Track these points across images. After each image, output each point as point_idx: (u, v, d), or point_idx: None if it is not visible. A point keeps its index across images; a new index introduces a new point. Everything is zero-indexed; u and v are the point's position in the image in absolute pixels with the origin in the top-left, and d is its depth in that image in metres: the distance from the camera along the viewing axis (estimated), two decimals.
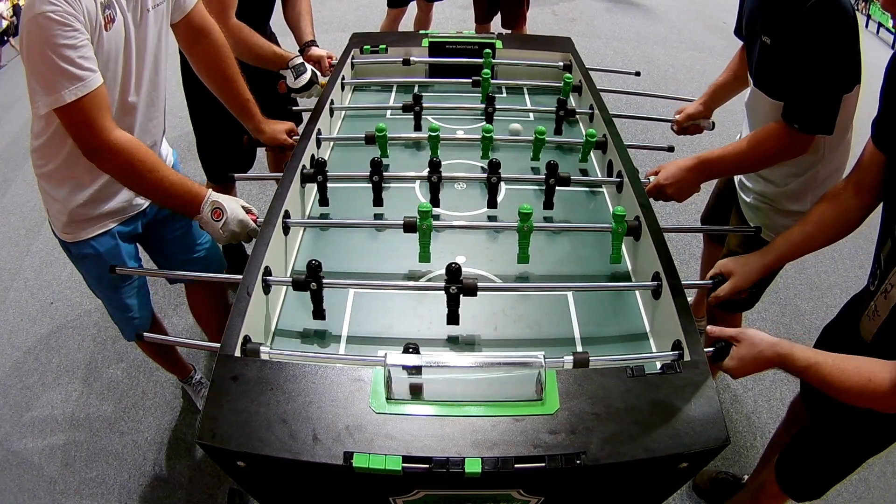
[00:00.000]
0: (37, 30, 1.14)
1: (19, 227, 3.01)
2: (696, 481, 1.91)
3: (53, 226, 1.51)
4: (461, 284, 1.17)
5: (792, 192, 1.58)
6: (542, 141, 1.67)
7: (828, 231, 1.29)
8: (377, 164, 1.48)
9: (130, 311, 1.64)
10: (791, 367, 1.05)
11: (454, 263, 1.17)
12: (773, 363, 1.07)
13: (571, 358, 1.06)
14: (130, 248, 1.58)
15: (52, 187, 1.43)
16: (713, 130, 1.99)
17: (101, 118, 1.22)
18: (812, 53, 1.32)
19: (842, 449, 1.33)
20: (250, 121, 1.74)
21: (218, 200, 1.38)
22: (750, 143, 1.49)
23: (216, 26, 1.60)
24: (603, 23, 5.34)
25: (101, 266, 1.50)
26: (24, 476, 1.93)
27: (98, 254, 1.50)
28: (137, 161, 1.28)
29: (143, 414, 2.11)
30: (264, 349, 1.08)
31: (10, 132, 3.78)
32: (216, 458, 0.98)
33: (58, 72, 1.16)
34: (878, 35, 5.58)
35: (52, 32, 1.14)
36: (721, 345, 1.12)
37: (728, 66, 1.88)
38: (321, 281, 1.19)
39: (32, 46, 1.16)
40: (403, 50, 2.18)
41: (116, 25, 1.28)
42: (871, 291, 1.21)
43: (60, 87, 1.17)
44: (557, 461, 0.91)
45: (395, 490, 1.01)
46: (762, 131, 1.47)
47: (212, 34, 1.59)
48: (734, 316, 1.95)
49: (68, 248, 1.52)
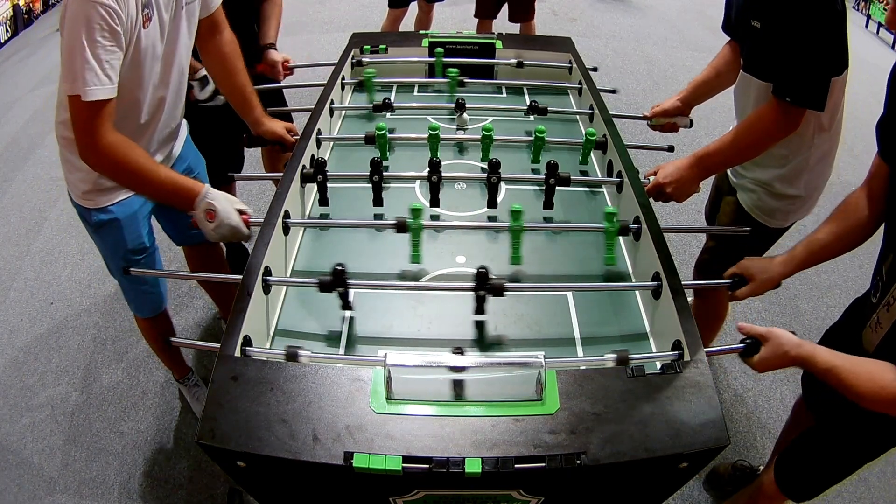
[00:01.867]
0: (82, 14, 1.18)
1: (19, 227, 3.01)
2: (716, 469, 1.92)
3: (72, 193, 1.54)
4: (489, 286, 1.19)
5: (785, 176, 1.60)
6: (542, 140, 1.67)
7: (846, 239, 1.31)
8: (377, 164, 1.49)
9: (146, 285, 1.68)
10: (812, 368, 1.08)
11: (482, 268, 1.19)
12: (795, 363, 1.10)
13: (614, 356, 1.07)
14: (146, 218, 1.63)
15: (75, 157, 1.44)
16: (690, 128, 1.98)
17: (102, 124, 1.27)
18: (801, 31, 1.36)
19: (843, 451, 1.34)
20: (251, 112, 1.76)
21: (212, 202, 1.37)
22: (743, 129, 1.52)
23: (226, 22, 1.66)
24: (603, 23, 5.34)
25: (119, 234, 1.55)
26: (24, 476, 1.93)
27: (116, 219, 1.54)
28: (127, 162, 1.33)
29: (143, 414, 2.11)
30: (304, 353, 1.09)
31: (10, 132, 3.77)
32: (216, 458, 0.98)
33: (87, 65, 1.21)
34: (878, 35, 5.58)
35: (93, 24, 1.18)
36: (750, 341, 1.14)
37: (711, 63, 1.87)
38: (347, 284, 1.20)
39: (73, 28, 1.20)
40: (403, 50, 2.19)
41: (153, 23, 1.34)
42: (873, 303, 1.22)
43: (85, 81, 1.21)
44: (557, 461, 0.91)
45: (395, 490, 1.01)
46: (753, 115, 1.50)
47: (226, 29, 1.67)
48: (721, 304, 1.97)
49: (87, 215, 1.55)
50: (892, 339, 1.16)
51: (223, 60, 1.69)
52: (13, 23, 4.96)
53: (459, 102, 1.86)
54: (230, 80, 1.72)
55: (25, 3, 5.12)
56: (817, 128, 1.52)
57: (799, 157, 1.56)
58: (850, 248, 1.31)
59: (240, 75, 1.72)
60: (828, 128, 1.54)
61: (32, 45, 4.83)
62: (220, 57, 1.69)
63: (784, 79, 1.41)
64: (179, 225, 1.81)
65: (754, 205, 1.66)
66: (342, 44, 2.25)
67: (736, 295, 1.36)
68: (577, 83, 2.09)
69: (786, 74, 1.41)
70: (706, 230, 2.14)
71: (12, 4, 4.92)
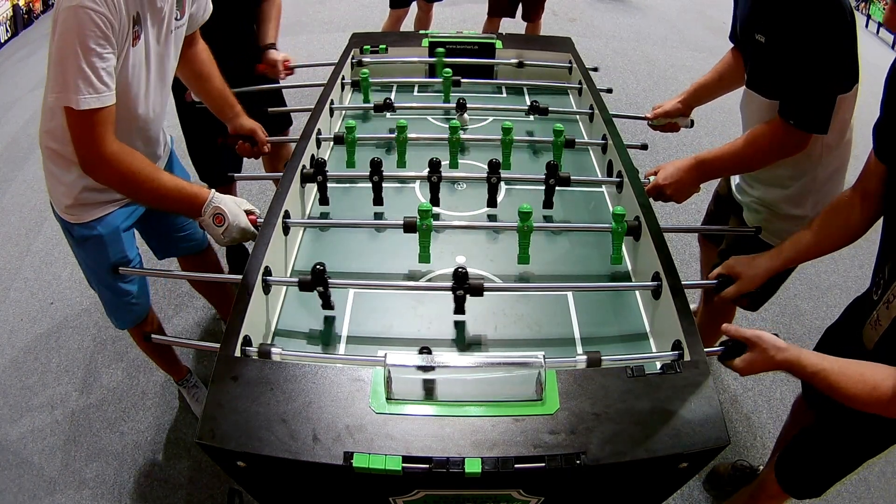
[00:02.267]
0: (75, 22, 1.15)
1: (19, 227, 3.01)
2: (716, 469, 1.92)
3: (55, 206, 1.52)
4: (468, 286, 1.18)
5: (791, 197, 1.56)
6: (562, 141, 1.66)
7: (834, 238, 1.29)
8: (377, 164, 1.48)
9: (129, 296, 1.64)
10: (799, 372, 1.07)
11: (461, 268, 1.18)
12: (780, 367, 1.08)
13: (585, 357, 1.07)
14: (130, 233, 1.61)
15: (59, 170, 1.44)
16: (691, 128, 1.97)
17: (104, 132, 1.25)
18: (808, 48, 1.31)
19: (844, 447, 1.33)
20: (231, 111, 1.77)
21: (220, 206, 1.37)
22: (746, 142, 1.49)
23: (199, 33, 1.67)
24: (603, 23, 5.34)
25: (101, 249, 1.52)
26: (24, 476, 1.93)
27: (99, 235, 1.51)
28: (133, 172, 1.31)
29: (143, 414, 2.11)
30: (276, 350, 1.08)
31: (10, 132, 3.77)
32: (216, 458, 0.98)
33: (81, 74, 1.17)
34: (879, 35, 5.58)
35: (87, 31, 1.15)
36: (731, 344, 1.13)
37: (715, 66, 1.86)
38: (327, 283, 1.20)
39: (65, 36, 1.17)
40: (403, 50, 2.19)
41: (142, 42, 1.32)
42: (873, 301, 1.22)
43: (79, 90, 1.18)
44: (557, 461, 0.91)
45: (395, 490, 1.01)
46: (758, 129, 1.47)
47: (200, 39, 1.68)
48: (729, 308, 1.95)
49: (70, 229, 1.53)
50: (892, 337, 1.16)
51: (199, 67, 1.70)
52: (13, 23, 4.96)
53: (460, 102, 1.86)
54: (206, 85, 1.73)
55: (25, 3, 5.12)
56: (825, 147, 1.48)
57: (805, 177, 1.52)
58: (838, 246, 1.30)
59: (216, 80, 1.73)
60: (836, 146, 1.49)
61: (32, 45, 4.82)
62: (195, 64, 1.69)
63: (789, 100, 1.37)
64: (166, 237, 1.81)
65: (760, 225, 1.63)
66: (342, 44, 2.25)
67: (723, 295, 1.34)
68: (577, 83, 2.09)
69: (789, 96, 1.37)
70: (706, 230, 2.14)
71: (12, 4, 4.92)
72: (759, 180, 1.62)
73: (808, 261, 1.35)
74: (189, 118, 2.15)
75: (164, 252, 1.89)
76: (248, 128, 1.78)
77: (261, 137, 1.79)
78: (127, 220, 1.58)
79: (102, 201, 1.50)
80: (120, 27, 1.21)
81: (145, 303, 1.71)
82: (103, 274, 1.58)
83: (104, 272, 1.57)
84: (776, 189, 1.58)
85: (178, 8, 1.43)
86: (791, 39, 1.33)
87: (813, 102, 1.35)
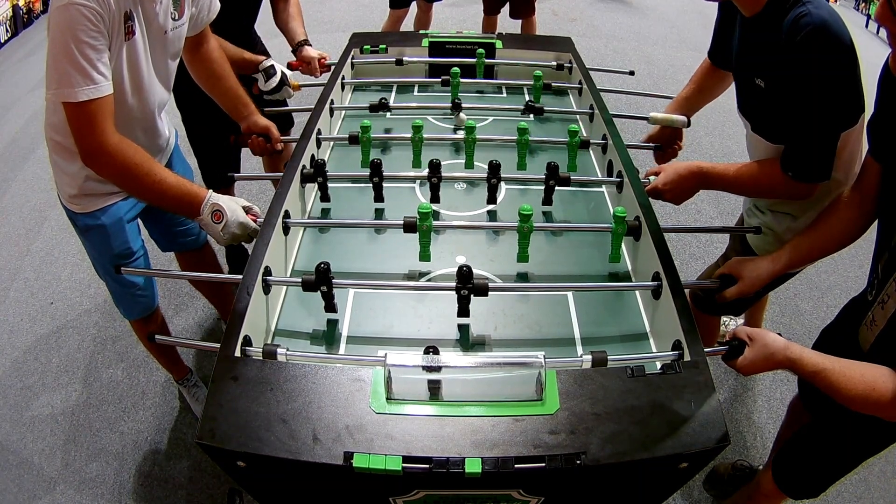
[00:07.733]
0: (66, 19, 1.17)
1: (19, 227, 3.01)
2: (716, 469, 1.92)
3: (61, 196, 1.54)
4: (472, 285, 1.18)
5: (799, 229, 1.49)
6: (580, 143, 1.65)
7: (834, 239, 1.30)
8: (377, 165, 1.48)
9: (135, 288, 1.67)
10: (800, 371, 1.07)
11: (464, 266, 1.18)
12: (782, 365, 1.08)
13: (590, 357, 1.07)
14: (134, 224, 1.62)
15: (63, 161, 1.46)
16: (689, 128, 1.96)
17: (103, 122, 1.26)
18: (810, 90, 1.25)
19: (842, 447, 1.33)
20: (245, 110, 1.77)
21: (218, 203, 1.38)
22: (749, 176, 1.45)
23: (210, 31, 1.66)
24: (603, 23, 5.34)
25: (105, 238, 1.54)
26: (24, 476, 1.93)
27: (103, 225, 1.53)
28: (133, 165, 1.31)
29: (143, 414, 2.11)
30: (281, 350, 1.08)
31: (10, 132, 3.77)
32: (216, 458, 0.98)
33: (76, 68, 1.19)
34: (878, 35, 5.58)
35: (79, 26, 1.18)
36: (735, 343, 1.13)
37: (692, 78, 1.83)
38: (332, 282, 1.19)
39: (57, 33, 1.19)
40: (398, 50, 2.19)
41: (136, 38, 1.33)
42: (868, 301, 1.22)
43: (75, 83, 1.20)
44: (557, 461, 0.91)
45: (395, 490, 1.01)
46: (763, 167, 1.43)
47: (212, 37, 1.68)
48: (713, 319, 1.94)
49: (75, 218, 1.55)
50: (887, 337, 1.15)
51: (211, 66, 1.70)
52: (13, 23, 4.96)
53: (456, 102, 1.86)
54: (220, 84, 1.73)
55: (25, 3, 5.11)
56: (834, 182, 1.43)
57: (812, 210, 1.48)
58: (838, 247, 1.31)
59: (229, 78, 1.73)
60: (844, 180, 1.44)
61: (32, 45, 4.82)
62: (207, 63, 1.70)
63: (788, 151, 1.34)
64: (166, 231, 1.82)
65: (766, 251, 1.58)
66: (342, 44, 2.25)
67: (724, 294, 1.34)
68: (577, 83, 2.09)
69: (790, 146, 1.34)
70: (707, 230, 2.15)
71: (12, 4, 4.92)
72: (770, 208, 1.59)
73: (811, 263, 1.34)
74: (191, 119, 2.15)
75: (166, 246, 1.90)
76: (263, 125, 1.78)
77: (275, 135, 1.79)
78: (131, 212, 1.60)
79: (106, 192, 1.51)
80: (111, 21, 1.23)
81: (152, 295, 1.73)
82: (108, 264, 1.59)
83: (108, 262, 1.59)
84: (783, 218, 1.56)
85: (175, 9, 1.43)
86: (792, 81, 1.27)
87: (814, 153, 1.32)
